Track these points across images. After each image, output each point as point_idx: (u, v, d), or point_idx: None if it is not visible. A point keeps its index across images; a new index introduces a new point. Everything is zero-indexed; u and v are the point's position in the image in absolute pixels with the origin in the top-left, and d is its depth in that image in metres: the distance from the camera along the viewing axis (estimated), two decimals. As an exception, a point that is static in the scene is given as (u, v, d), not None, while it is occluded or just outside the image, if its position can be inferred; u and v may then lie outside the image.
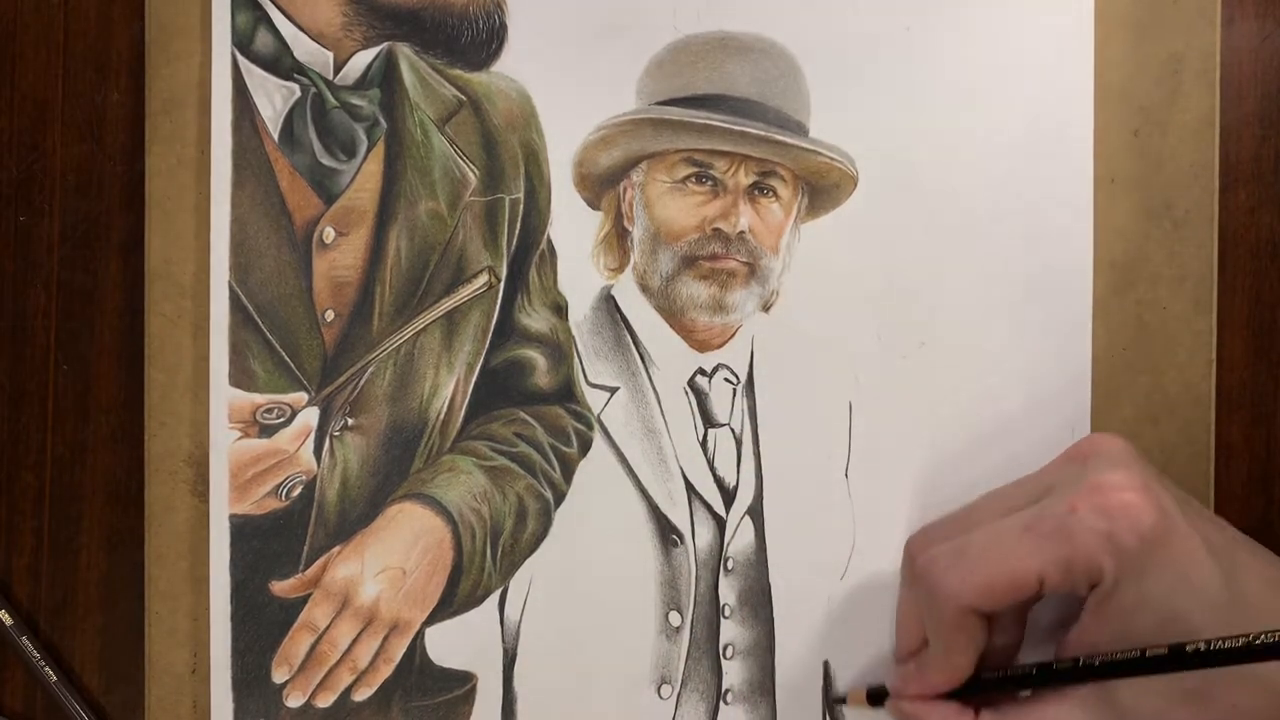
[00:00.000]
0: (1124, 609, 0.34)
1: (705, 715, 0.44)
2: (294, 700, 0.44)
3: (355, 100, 0.44)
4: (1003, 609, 0.37)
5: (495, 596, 0.44)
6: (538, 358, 0.44)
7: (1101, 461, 0.36)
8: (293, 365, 0.44)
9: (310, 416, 0.44)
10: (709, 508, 0.44)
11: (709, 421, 0.44)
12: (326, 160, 0.44)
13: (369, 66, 0.44)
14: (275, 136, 0.44)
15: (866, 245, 0.43)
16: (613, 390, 0.44)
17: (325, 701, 0.44)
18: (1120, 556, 0.34)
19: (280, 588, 0.44)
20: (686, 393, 0.44)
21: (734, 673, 0.44)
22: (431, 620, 0.44)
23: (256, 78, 0.44)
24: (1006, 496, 0.38)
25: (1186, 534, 0.34)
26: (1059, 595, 0.37)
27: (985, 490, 0.42)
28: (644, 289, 0.44)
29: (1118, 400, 0.43)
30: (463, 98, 0.44)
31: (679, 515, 0.44)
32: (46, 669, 0.45)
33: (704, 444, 0.44)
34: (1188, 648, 0.33)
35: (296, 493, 0.44)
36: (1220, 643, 0.32)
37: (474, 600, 0.44)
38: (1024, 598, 0.36)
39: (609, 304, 0.44)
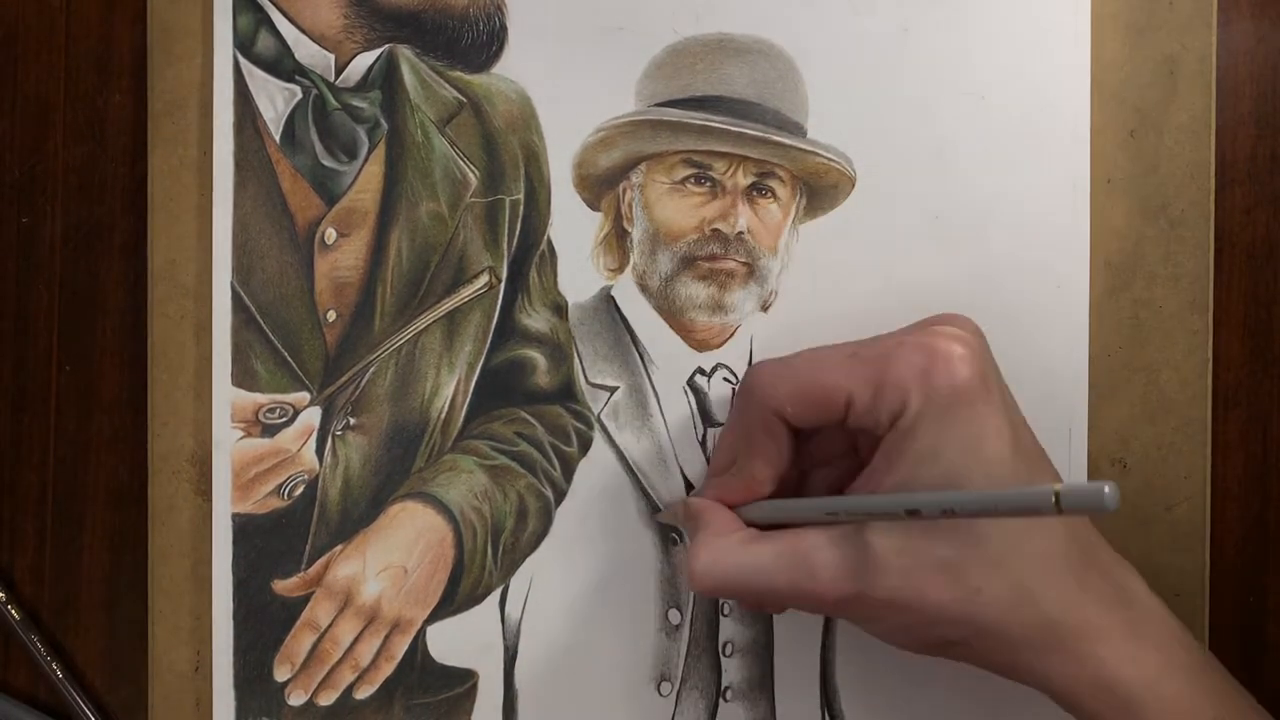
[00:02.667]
0: (915, 456, 0.34)
1: (705, 712, 0.44)
2: (296, 698, 0.44)
3: (356, 102, 0.44)
4: (811, 422, 0.37)
5: (496, 595, 0.44)
6: (538, 358, 0.44)
7: (943, 323, 0.37)
8: (295, 365, 0.44)
9: (312, 416, 0.44)
10: (708, 506, 0.44)
11: (708, 421, 0.44)
12: (328, 161, 0.44)
13: (370, 68, 0.44)
14: (277, 138, 0.44)
15: (864, 245, 0.44)
16: (613, 390, 0.44)
17: (327, 699, 0.44)
18: (928, 394, 0.34)
19: (282, 586, 0.44)
20: (686, 392, 0.44)
21: (733, 670, 0.44)
22: (433, 618, 0.44)
23: (258, 79, 0.44)
24: (852, 341, 0.39)
25: (996, 408, 0.34)
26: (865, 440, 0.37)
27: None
28: (643, 289, 0.44)
29: (1114, 399, 0.43)
30: (463, 99, 0.44)
31: (679, 514, 0.44)
32: (53, 665, 0.45)
33: (703, 443, 0.44)
34: (924, 498, 0.32)
35: (299, 492, 0.44)
36: (965, 496, 0.31)
37: (475, 598, 0.44)
38: (831, 415, 0.36)
39: (609, 304, 0.44)
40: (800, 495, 0.40)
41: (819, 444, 0.40)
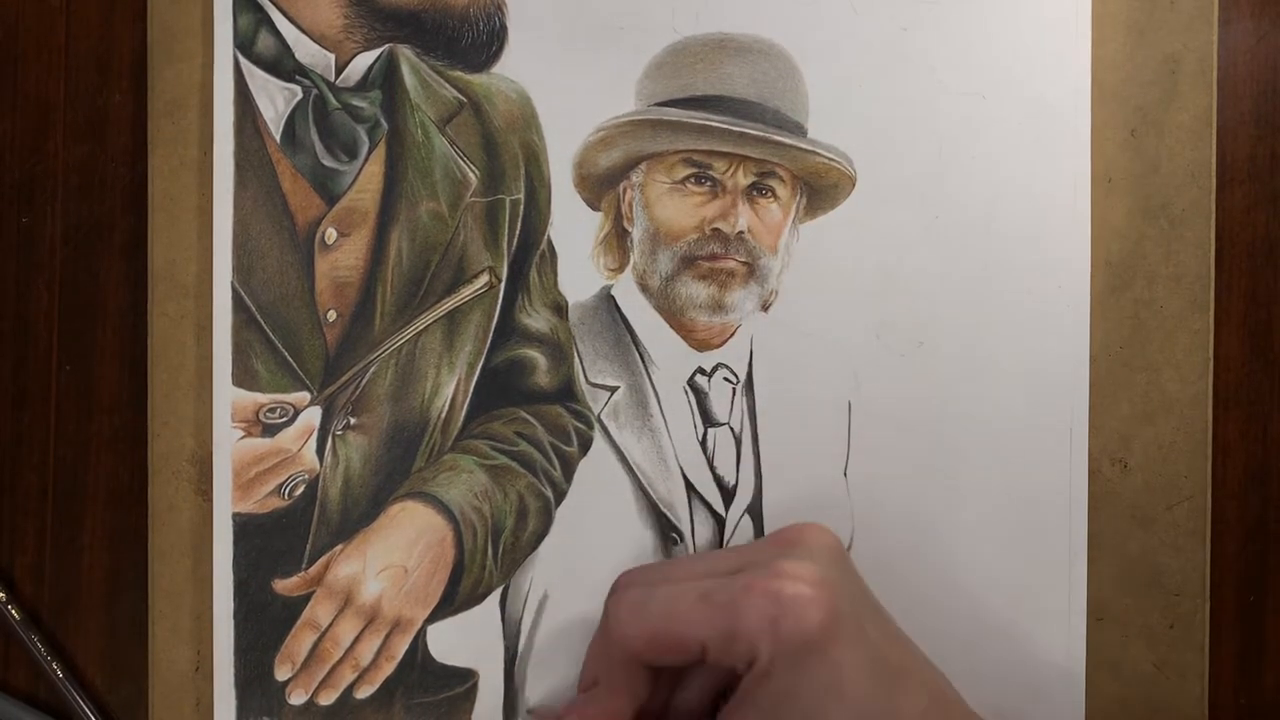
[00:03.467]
0: (774, 698, 0.35)
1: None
2: (296, 698, 0.44)
3: (357, 102, 0.44)
4: (669, 664, 0.37)
5: (496, 594, 0.44)
6: (538, 357, 0.44)
7: (799, 551, 0.36)
8: (295, 365, 0.44)
9: (313, 416, 0.44)
10: (708, 506, 0.44)
11: (708, 420, 0.44)
12: (328, 161, 0.44)
13: (370, 68, 0.44)
14: (277, 138, 0.44)
15: (865, 245, 0.44)
16: (613, 389, 0.44)
17: (328, 699, 0.44)
18: (778, 645, 0.34)
19: (283, 586, 0.44)
20: (686, 392, 0.44)
21: (734, 670, 0.44)
22: (433, 618, 0.44)
23: (258, 79, 0.44)
24: (709, 560, 0.38)
25: (851, 645, 0.34)
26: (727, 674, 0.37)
27: (983, 489, 0.42)
28: (644, 289, 0.44)
29: (1115, 399, 0.43)
30: (463, 99, 0.44)
31: (679, 514, 0.44)
32: (54, 665, 0.45)
33: (703, 443, 0.44)
34: None
35: (299, 491, 0.44)
36: None
37: (475, 598, 0.44)
38: (687, 659, 0.36)
39: (609, 304, 0.44)
40: (664, 714, 0.40)
41: (680, 671, 0.40)
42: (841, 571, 0.37)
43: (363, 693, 0.44)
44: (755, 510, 0.44)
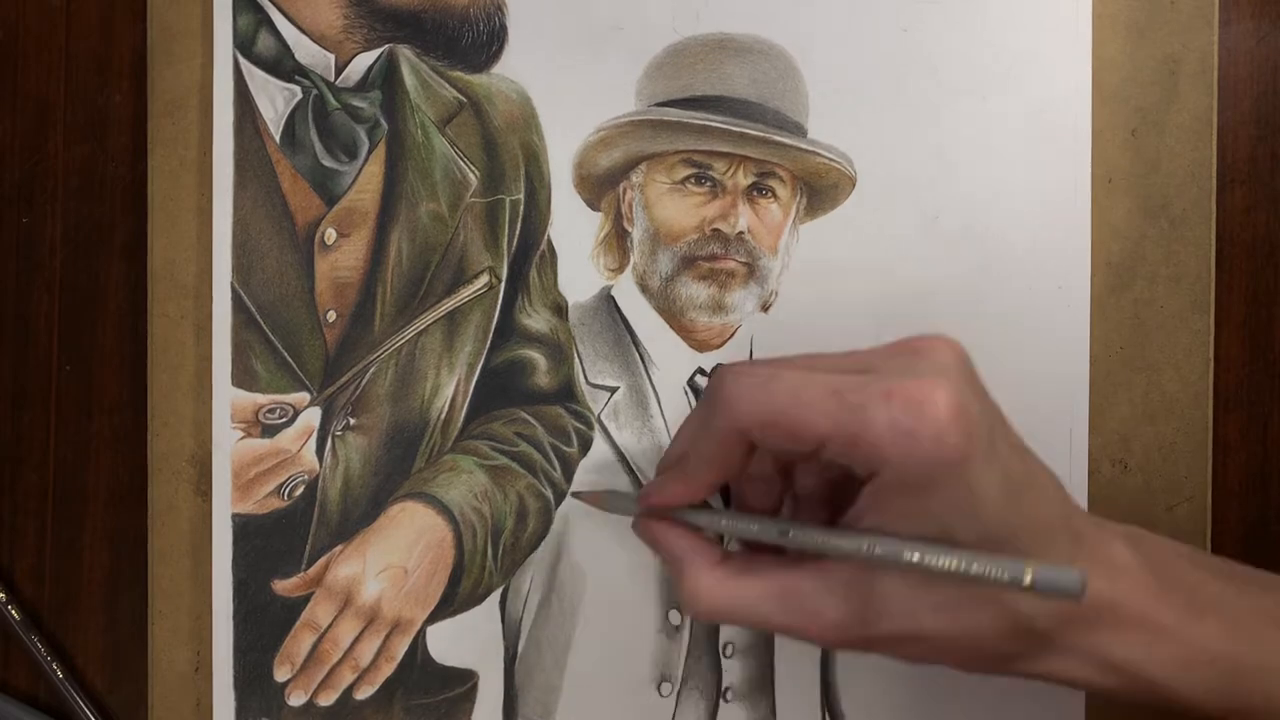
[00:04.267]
0: (899, 511, 0.33)
1: (705, 713, 0.44)
2: (296, 699, 0.44)
3: (356, 102, 0.44)
4: (775, 450, 0.35)
5: (496, 595, 0.44)
6: (538, 358, 0.44)
7: (932, 364, 0.34)
8: (295, 365, 0.44)
9: (312, 416, 0.44)
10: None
11: (708, 421, 0.44)
12: (328, 162, 0.44)
13: (370, 68, 0.44)
14: (277, 138, 0.44)
15: (865, 245, 0.44)
16: (613, 390, 0.44)
17: (327, 700, 0.44)
18: (908, 461, 0.32)
19: (282, 587, 0.44)
20: (686, 392, 0.44)
21: (734, 671, 0.44)
22: (433, 619, 0.44)
23: (258, 80, 0.44)
24: (832, 357, 0.36)
25: (983, 463, 0.33)
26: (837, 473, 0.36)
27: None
28: (644, 289, 0.44)
29: (1115, 399, 0.43)
30: (463, 99, 0.44)
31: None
32: (54, 665, 0.45)
33: (704, 443, 0.44)
34: (907, 554, 0.33)
35: (299, 492, 0.44)
36: (944, 558, 0.32)
37: (475, 599, 0.44)
38: (798, 450, 0.34)
39: (609, 304, 0.44)
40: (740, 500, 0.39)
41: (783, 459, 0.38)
42: (973, 386, 0.34)
43: (362, 693, 0.44)
44: (755, 511, 0.44)
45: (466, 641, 0.44)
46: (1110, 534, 0.36)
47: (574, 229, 0.44)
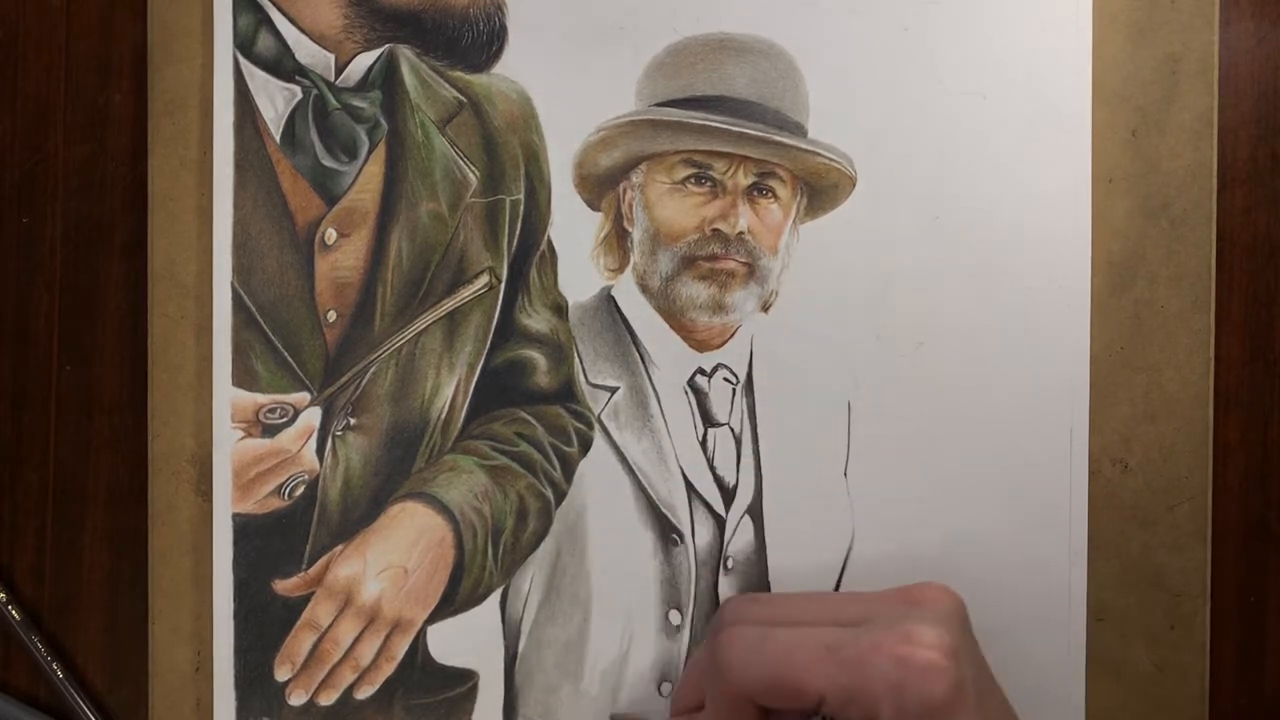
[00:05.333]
0: None
1: (705, 713, 0.44)
2: (296, 698, 0.44)
3: (357, 102, 0.44)
4: (780, 709, 0.37)
5: (496, 595, 0.44)
6: (538, 358, 0.44)
7: (926, 613, 0.36)
8: (295, 365, 0.44)
9: (312, 416, 0.44)
10: (709, 507, 0.44)
11: (709, 421, 0.44)
12: (328, 161, 0.44)
13: (370, 68, 0.44)
14: (277, 138, 0.44)
15: (865, 245, 0.44)
16: (613, 390, 0.44)
17: (328, 700, 0.44)
18: (900, 712, 0.34)
19: (283, 586, 0.44)
20: (686, 392, 0.44)
21: (734, 671, 0.44)
22: (433, 618, 0.44)
23: (258, 80, 0.44)
24: (828, 604, 0.38)
25: (969, 714, 0.34)
26: None
27: (983, 489, 0.42)
28: (644, 289, 0.44)
29: (1115, 399, 0.43)
30: (463, 99, 0.44)
31: (679, 514, 0.44)
32: (54, 665, 0.45)
33: (704, 443, 0.44)
34: None
35: (299, 492, 0.44)
36: None
37: (475, 599, 0.44)
38: (800, 708, 0.36)
39: (609, 304, 0.44)
40: None
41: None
42: (965, 638, 0.36)
43: (363, 693, 0.44)
44: (755, 510, 0.44)
45: (467, 641, 0.44)
46: None
47: (574, 229, 0.44)
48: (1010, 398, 0.43)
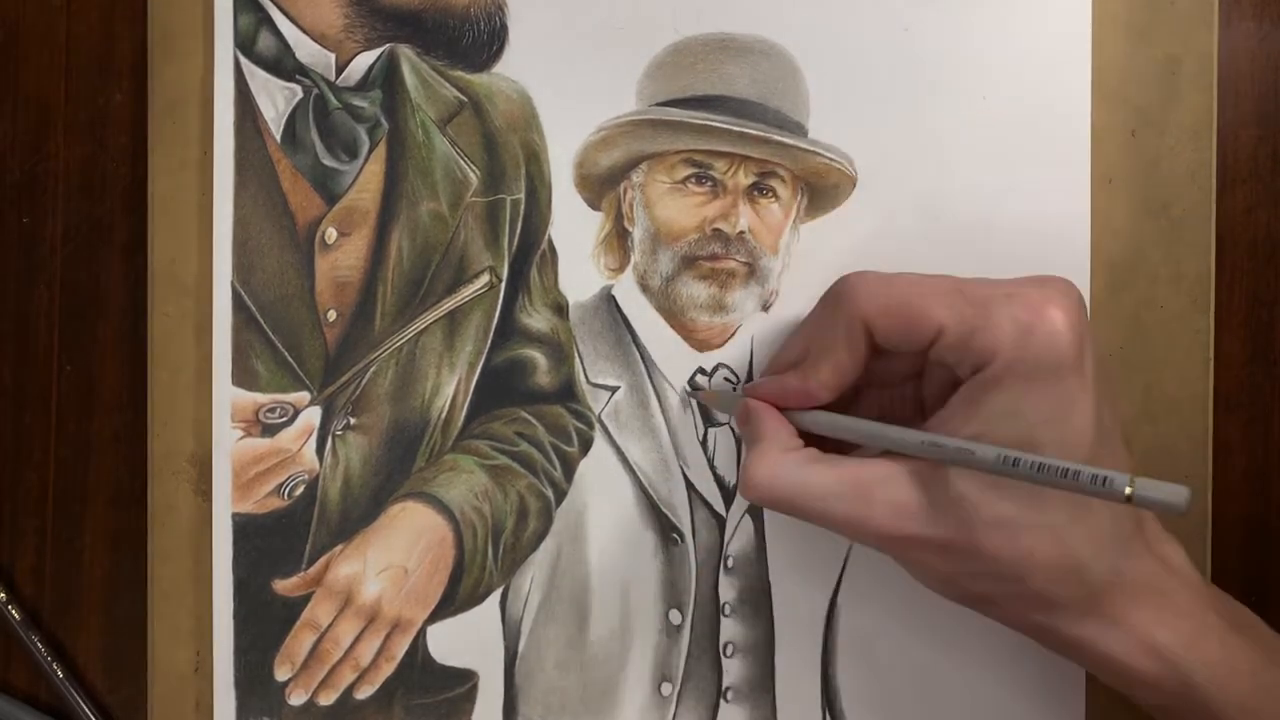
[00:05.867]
0: (996, 409, 0.34)
1: (705, 713, 0.44)
2: (296, 698, 0.44)
3: (357, 101, 0.44)
4: (893, 343, 0.36)
5: (497, 595, 0.44)
6: (539, 357, 0.44)
7: (1055, 286, 0.35)
8: (295, 365, 0.44)
9: (312, 416, 0.44)
10: (709, 506, 0.44)
11: (709, 421, 0.44)
12: (328, 161, 0.44)
13: (371, 68, 0.44)
14: (277, 137, 0.44)
15: (865, 245, 0.44)
16: (613, 390, 0.44)
17: (327, 699, 0.44)
18: (1021, 351, 0.33)
19: (283, 586, 0.44)
20: (686, 392, 0.44)
21: (734, 671, 0.44)
22: (433, 618, 0.44)
23: (259, 79, 0.44)
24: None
25: (1086, 383, 0.34)
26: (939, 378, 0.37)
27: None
28: (644, 289, 0.44)
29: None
30: (464, 99, 0.44)
31: (679, 514, 0.44)
32: (54, 665, 0.45)
33: (704, 443, 0.44)
34: (1026, 462, 0.32)
35: (299, 492, 0.44)
36: (1046, 459, 0.32)
37: (475, 598, 0.44)
38: (918, 340, 0.35)
39: (609, 304, 0.44)
40: (849, 414, 0.39)
41: (883, 365, 0.39)
42: (1087, 321, 0.35)
43: (363, 693, 0.44)
44: (756, 511, 0.44)
45: (466, 641, 0.44)
46: (1168, 536, 0.37)
47: (575, 228, 0.44)
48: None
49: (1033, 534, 0.34)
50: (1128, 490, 0.30)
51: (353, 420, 0.44)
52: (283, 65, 0.44)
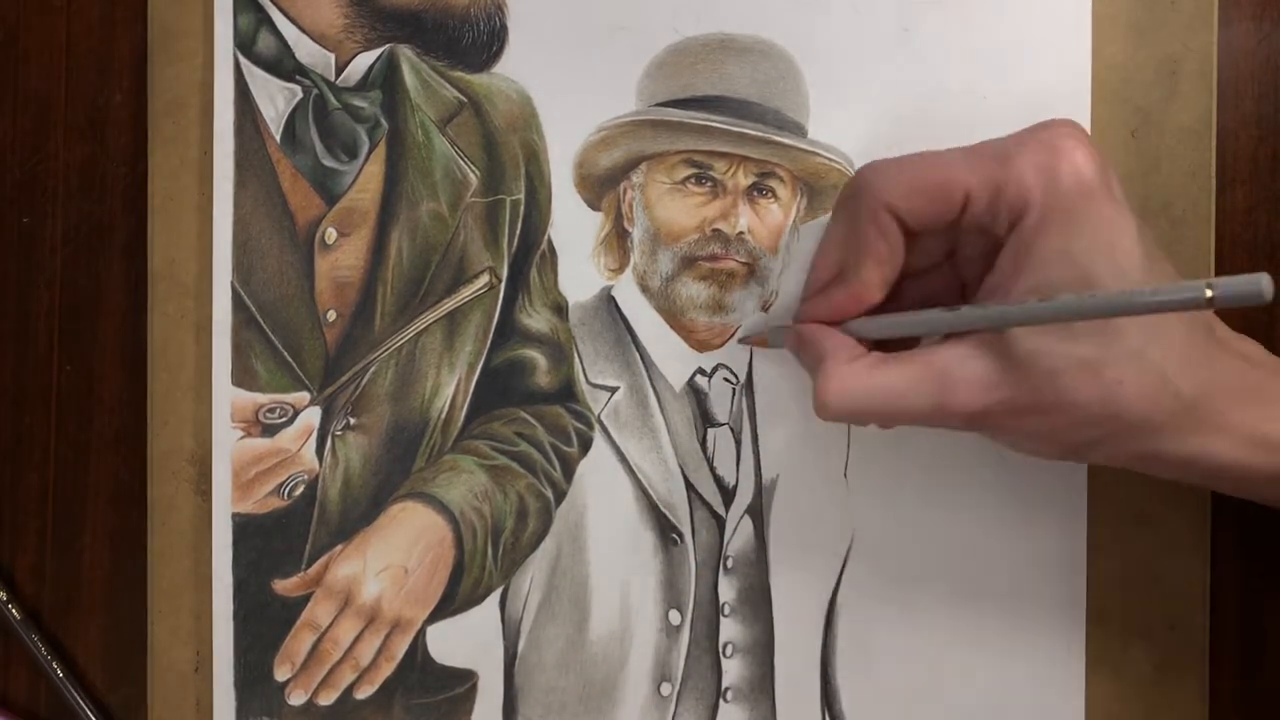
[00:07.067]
0: (1040, 259, 0.34)
1: (705, 713, 0.44)
2: (296, 698, 0.44)
3: (357, 101, 0.44)
4: (925, 221, 0.36)
5: (496, 595, 0.44)
6: (538, 358, 0.44)
7: (1060, 126, 0.35)
8: (295, 365, 0.44)
9: (312, 416, 0.44)
10: (708, 507, 0.44)
11: (708, 421, 0.44)
12: (328, 161, 0.44)
13: (370, 68, 0.44)
14: (277, 137, 0.44)
15: (865, 245, 0.43)
16: (613, 390, 0.44)
17: (327, 699, 0.44)
18: (1052, 192, 0.33)
19: (282, 586, 0.44)
20: (687, 392, 0.44)
21: (734, 671, 0.44)
22: (433, 618, 0.44)
23: (259, 79, 0.44)
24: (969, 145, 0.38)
25: (1120, 204, 0.34)
26: (981, 241, 0.36)
27: (984, 490, 0.42)
28: (644, 289, 0.44)
29: (1115, 399, 0.43)
30: (464, 99, 0.44)
31: (679, 514, 0.44)
32: (54, 665, 0.45)
33: (703, 443, 0.44)
34: (1065, 299, 0.32)
35: (299, 492, 0.44)
36: (1111, 294, 0.32)
37: (475, 598, 0.44)
38: (947, 211, 0.35)
39: (609, 304, 0.44)
40: (894, 310, 0.39)
41: (914, 251, 0.38)
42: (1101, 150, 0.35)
43: (362, 693, 0.44)
44: (755, 510, 0.44)
45: (466, 641, 0.44)
46: (1241, 335, 0.37)
47: (574, 229, 0.44)
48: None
49: (1115, 366, 0.33)
50: (1208, 294, 0.30)
51: (353, 420, 0.44)
52: (282, 65, 0.44)
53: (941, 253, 0.39)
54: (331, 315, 0.44)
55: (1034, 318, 0.33)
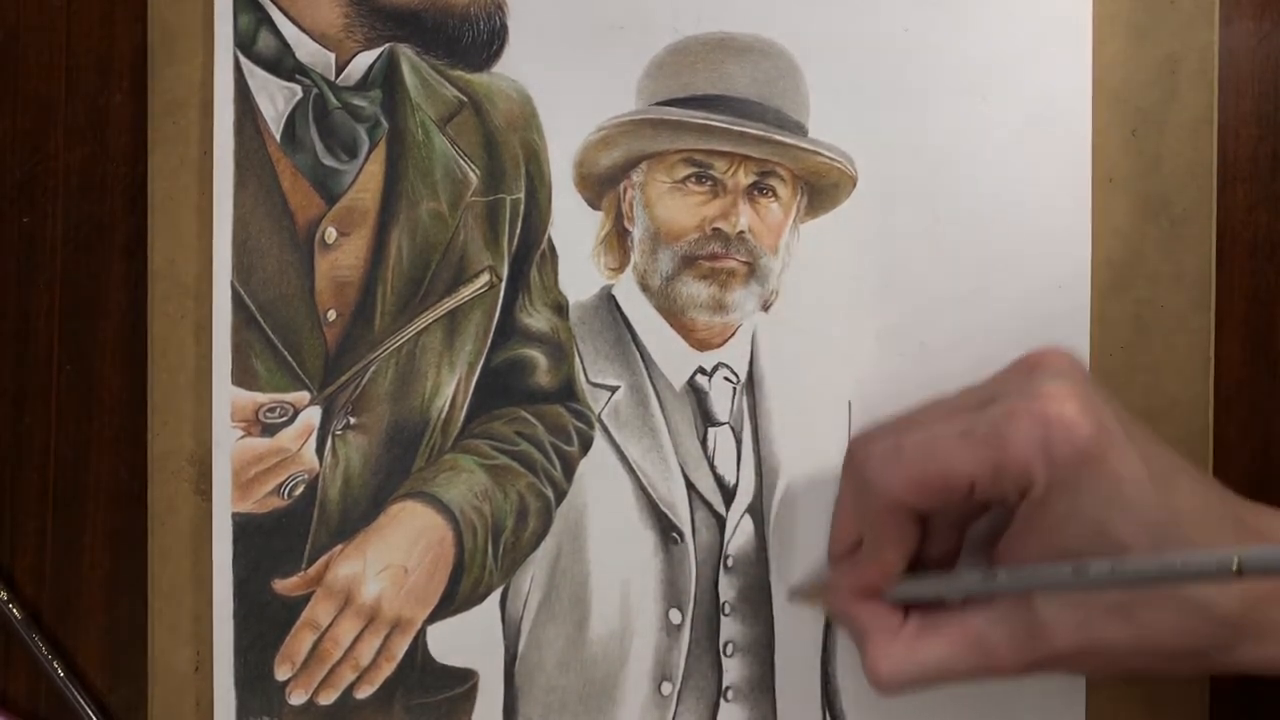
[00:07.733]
0: (1054, 521, 0.34)
1: (705, 712, 0.44)
2: (296, 698, 0.44)
3: (357, 101, 0.44)
4: (935, 509, 0.37)
5: (496, 594, 0.44)
6: (539, 357, 0.44)
7: (1046, 373, 0.36)
8: (295, 364, 0.44)
9: (312, 415, 0.44)
10: (709, 506, 0.44)
11: (709, 420, 0.44)
12: (328, 160, 0.44)
13: (371, 67, 0.44)
14: (277, 137, 0.44)
15: (865, 245, 0.44)
16: (613, 389, 0.44)
17: (328, 699, 0.44)
18: (1053, 465, 0.34)
19: (283, 586, 0.44)
20: (687, 392, 0.44)
21: (734, 670, 0.44)
22: (433, 618, 0.44)
23: (259, 79, 0.44)
24: (950, 402, 0.38)
25: (1123, 450, 0.34)
26: (997, 509, 0.37)
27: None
28: (644, 288, 0.44)
29: (1116, 399, 0.43)
30: (464, 98, 0.44)
31: (679, 513, 0.44)
32: (55, 665, 0.45)
33: (704, 442, 0.44)
34: (1095, 568, 0.33)
35: (299, 491, 0.44)
36: (1139, 563, 0.32)
37: (475, 598, 0.44)
38: (955, 499, 0.36)
39: (609, 303, 0.44)
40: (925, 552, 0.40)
41: (931, 527, 0.39)
42: (1090, 382, 0.36)
43: (363, 693, 0.44)
44: (756, 510, 0.44)
45: (466, 641, 0.44)
46: (1272, 516, 0.36)
47: (574, 228, 0.44)
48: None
49: (1148, 606, 0.34)
50: (1235, 566, 0.30)
51: (353, 420, 0.44)
52: (282, 65, 0.44)
53: (957, 519, 0.39)
54: (331, 315, 0.44)
55: (1064, 585, 0.34)
